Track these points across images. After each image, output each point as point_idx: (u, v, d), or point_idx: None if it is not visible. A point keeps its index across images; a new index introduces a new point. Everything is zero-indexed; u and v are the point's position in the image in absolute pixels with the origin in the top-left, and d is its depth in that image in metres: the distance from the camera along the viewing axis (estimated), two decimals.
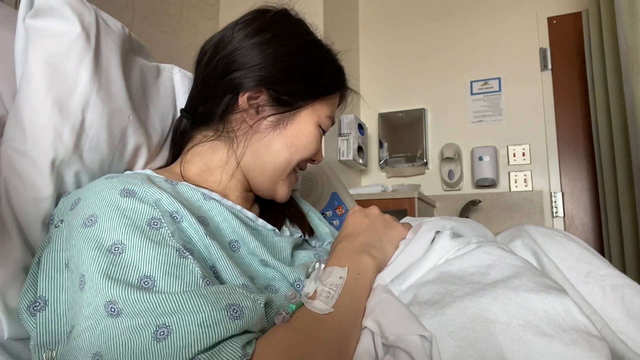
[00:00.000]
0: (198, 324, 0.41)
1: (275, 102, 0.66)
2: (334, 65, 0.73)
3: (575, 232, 2.40)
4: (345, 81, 0.75)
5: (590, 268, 0.56)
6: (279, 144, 0.67)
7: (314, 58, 0.69)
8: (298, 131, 0.67)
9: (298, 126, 0.67)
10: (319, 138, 0.70)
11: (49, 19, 0.59)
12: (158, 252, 0.46)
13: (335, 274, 0.53)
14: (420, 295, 0.49)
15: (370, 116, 2.86)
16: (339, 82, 0.74)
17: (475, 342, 0.41)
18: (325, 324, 0.47)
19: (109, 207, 0.50)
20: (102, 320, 0.42)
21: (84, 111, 0.60)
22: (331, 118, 0.72)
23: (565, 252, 0.58)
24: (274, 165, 0.67)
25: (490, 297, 0.44)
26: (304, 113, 0.68)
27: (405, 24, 2.89)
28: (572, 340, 0.39)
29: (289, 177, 0.71)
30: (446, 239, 0.57)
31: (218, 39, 0.69)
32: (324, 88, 0.70)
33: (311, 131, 0.68)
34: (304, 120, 0.68)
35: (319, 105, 0.69)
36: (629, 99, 1.57)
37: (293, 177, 0.72)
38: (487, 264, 0.50)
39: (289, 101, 0.66)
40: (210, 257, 0.53)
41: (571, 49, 2.50)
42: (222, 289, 0.45)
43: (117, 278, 0.44)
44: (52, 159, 0.57)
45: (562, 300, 0.43)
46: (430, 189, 2.69)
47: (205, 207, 0.60)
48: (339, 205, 1.13)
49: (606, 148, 2.03)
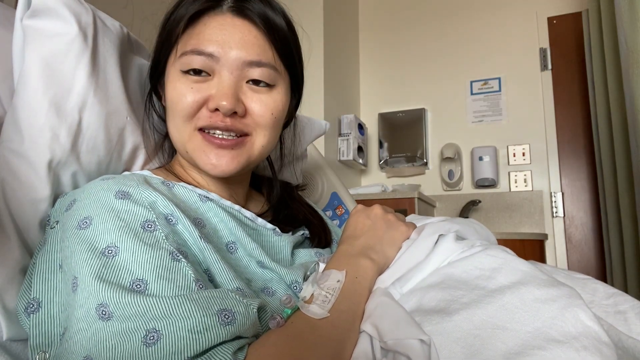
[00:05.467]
0: (188, 330, 0.40)
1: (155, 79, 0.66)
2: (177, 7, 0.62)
3: (575, 232, 2.39)
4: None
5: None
6: (168, 118, 0.62)
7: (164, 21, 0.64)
8: (168, 94, 0.60)
9: (167, 89, 0.60)
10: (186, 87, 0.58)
11: (46, 19, 0.59)
12: (151, 255, 0.46)
13: (333, 277, 0.53)
14: (426, 302, 0.48)
15: (370, 116, 2.86)
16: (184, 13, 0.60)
17: (482, 349, 0.40)
18: (320, 329, 0.47)
19: (103, 209, 0.49)
20: (93, 323, 0.42)
21: (81, 112, 0.60)
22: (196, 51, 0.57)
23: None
24: (175, 142, 0.62)
25: (498, 304, 0.44)
26: (167, 73, 0.61)
27: (405, 24, 2.88)
28: (583, 346, 0.39)
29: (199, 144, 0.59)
30: (450, 242, 0.56)
31: None
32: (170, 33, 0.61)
33: (175, 86, 0.58)
34: (169, 79, 0.60)
35: (173, 56, 0.60)
36: (629, 99, 1.57)
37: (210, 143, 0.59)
38: (492, 267, 0.50)
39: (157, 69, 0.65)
40: (205, 260, 0.52)
41: (571, 49, 2.49)
42: (215, 294, 0.44)
43: (109, 281, 0.44)
44: (49, 160, 0.57)
45: (570, 307, 0.42)
46: (430, 189, 2.68)
47: (201, 209, 0.59)
48: (339, 205, 1.13)
49: (606, 148, 2.02)
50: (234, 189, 0.69)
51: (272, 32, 0.61)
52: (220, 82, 0.57)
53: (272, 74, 0.60)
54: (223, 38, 0.58)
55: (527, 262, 0.51)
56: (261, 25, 0.60)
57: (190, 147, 0.60)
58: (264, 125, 0.61)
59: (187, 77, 0.58)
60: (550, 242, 2.42)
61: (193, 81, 0.58)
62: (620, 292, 0.53)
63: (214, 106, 0.57)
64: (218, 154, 0.59)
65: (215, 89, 0.57)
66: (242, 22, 0.59)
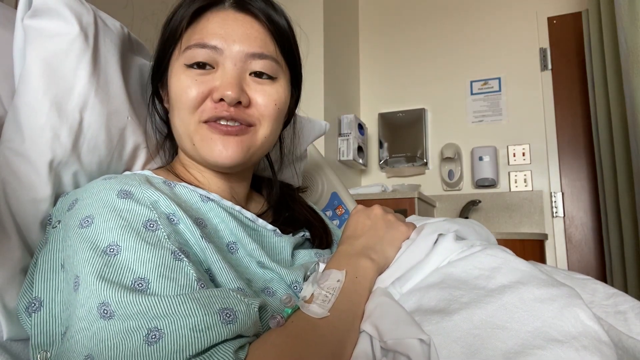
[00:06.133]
0: (190, 328, 0.40)
1: (158, 78, 0.66)
2: (179, 7, 0.64)
3: (575, 232, 2.40)
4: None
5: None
6: (171, 113, 0.64)
7: (166, 22, 0.65)
8: (171, 89, 0.62)
9: (170, 84, 0.62)
10: (189, 79, 0.59)
11: (47, 19, 0.59)
12: (153, 254, 0.46)
13: (333, 277, 0.53)
14: (425, 302, 0.49)
15: (370, 116, 2.86)
16: (186, 11, 0.62)
17: (482, 348, 0.40)
18: (320, 329, 0.47)
19: (105, 208, 0.49)
20: (95, 322, 0.42)
21: (82, 112, 0.60)
22: (199, 44, 0.59)
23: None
24: (179, 136, 0.63)
25: (497, 304, 0.44)
26: (170, 69, 0.63)
27: (405, 24, 2.89)
28: (582, 345, 0.39)
29: (205, 135, 0.60)
30: (449, 241, 0.56)
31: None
32: (173, 31, 0.63)
33: (179, 79, 0.60)
34: (172, 74, 0.62)
35: (177, 51, 0.62)
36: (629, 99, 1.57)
37: (215, 132, 0.59)
38: (492, 267, 0.50)
39: (160, 66, 0.65)
40: (206, 259, 0.52)
41: (571, 49, 2.50)
42: (216, 293, 0.44)
43: (111, 280, 0.44)
44: (50, 159, 0.57)
45: (570, 306, 0.42)
46: (430, 189, 2.69)
47: (203, 209, 0.59)
48: (339, 205, 1.13)
49: (606, 148, 2.03)
50: (234, 188, 0.69)
51: (274, 27, 0.63)
52: (224, 74, 0.59)
53: (274, 67, 0.62)
54: (226, 31, 0.59)
55: (527, 262, 0.51)
56: (263, 19, 0.62)
57: (197, 139, 0.60)
58: (268, 115, 0.62)
59: (191, 71, 0.59)
60: (550, 242, 2.42)
61: (197, 74, 0.59)
62: (620, 293, 0.53)
63: (219, 96, 0.58)
64: (225, 142, 0.59)
65: (220, 80, 0.58)
66: (244, 16, 0.62)
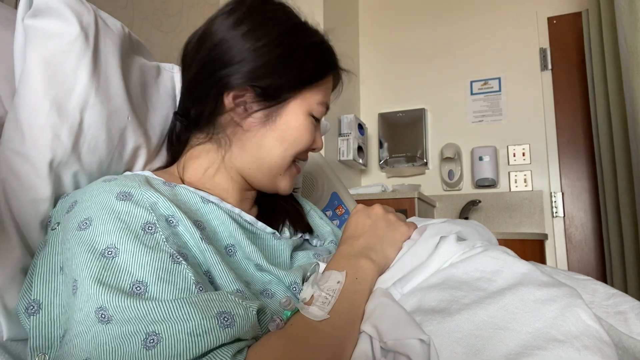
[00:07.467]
0: (188, 333, 0.40)
1: (261, 98, 0.63)
2: (321, 48, 0.68)
3: (575, 232, 2.40)
4: (335, 63, 0.70)
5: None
6: (271, 140, 0.64)
7: (296, 46, 0.65)
8: (287, 125, 0.64)
9: (287, 119, 0.64)
10: (312, 127, 0.66)
11: (47, 19, 0.58)
12: (151, 257, 0.46)
13: (333, 278, 0.53)
14: (426, 302, 0.49)
15: (370, 116, 2.86)
16: (328, 66, 0.69)
17: (483, 349, 0.40)
18: (320, 331, 0.47)
19: (104, 211, 0.49)
20: (93, 326, 0.42)
21: (83, 112, 0.60)
22: (324, 104, 0.68)
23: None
24: (269, 163, 0.65)
25: (499, 305, 0.44)
26: (292, 105, 0.65)
27: (405, 24, 2.89)
28: (584, 345, 0.39)
29: (288, 171, 0.68)
30: (451, 243, 0.56)
31: (200, 34, 0.66)
32: (311, 75, 0.66)
33: (301, 123, 0.65)
34: (292, 112, 0.65)
35: (308, 93, 0.65)
36: (629, 99, 1.57)
37: (294, 170, 0.70)
38: (493, 270, 0.50)
39: (275, 95, 0.63)
40: (206, 262, 0.52)
41: (571, 49, 2.49)
42: (214, 296, 0.44)
43: (109, 283, 0.44)
44: (50, 160, 0.57)
45: (570, 306, 0.43)
46: (430, 189, 2.68)
47: (202, 211, 0.59)
48: (339, 205, 1.13)
49: (606, 148, 2.03)
50: (247, 197, 0.71)
51: None
52: (320, 133, 0.71)
53: None
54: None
55: (528, 264, 0.51)
56: None
57: (283, 173, 0.68)
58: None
59: (311, 120, 0.67)
60: (550, 242, 2.42)
61: (313, 124, 0.67)
62: (620, 293, 0.53)
63: (318, 150, 0.72)
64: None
65: (319, 137, 0.71)
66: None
